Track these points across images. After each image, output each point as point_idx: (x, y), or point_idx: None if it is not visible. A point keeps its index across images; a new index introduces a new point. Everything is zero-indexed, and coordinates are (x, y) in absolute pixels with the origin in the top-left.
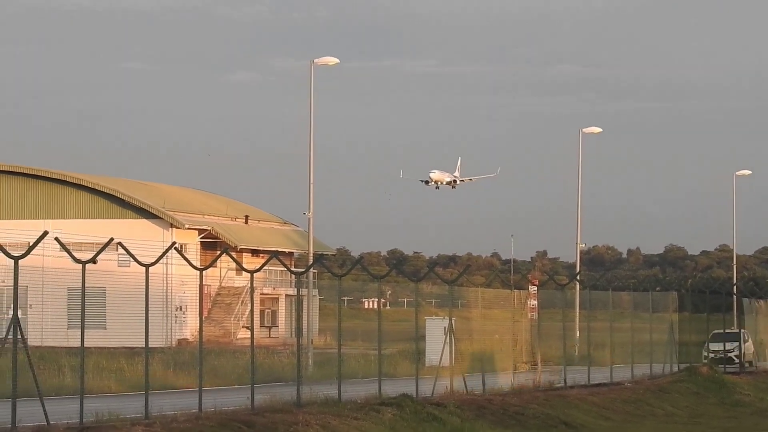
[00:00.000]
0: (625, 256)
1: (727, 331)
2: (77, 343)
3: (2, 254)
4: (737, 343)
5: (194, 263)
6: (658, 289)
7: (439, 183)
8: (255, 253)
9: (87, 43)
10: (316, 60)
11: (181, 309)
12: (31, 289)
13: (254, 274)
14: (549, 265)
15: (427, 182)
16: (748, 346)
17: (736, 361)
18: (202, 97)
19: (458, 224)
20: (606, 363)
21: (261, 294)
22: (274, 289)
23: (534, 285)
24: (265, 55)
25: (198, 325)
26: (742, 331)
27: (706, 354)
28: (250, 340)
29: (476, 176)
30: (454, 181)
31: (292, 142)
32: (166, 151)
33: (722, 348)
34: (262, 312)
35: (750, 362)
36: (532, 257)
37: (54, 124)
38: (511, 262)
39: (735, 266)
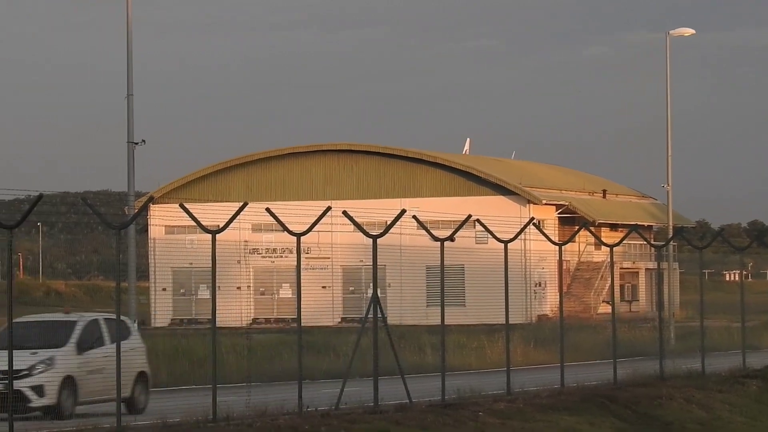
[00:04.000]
0: None
1: None
2: (437, 321)
3: (362, 233)
4: None
5: (552, 239)
6: None
7: None
8: (613, 227)
9: (438, 21)
10: (671, 31)
11: (540, 285)
12: (390, 268)
13: (613, 249)
14: None
15: None
16: None
17: None
18: (556, 72)
19: None
20: None
21: (620, 268)
22: (633, 263)
23: None
24: (619, 29)
25: (558, 300)
26: None
27: None
28: (611, 315)
29: None
30: None
31: (647, 116)
32: (518, 129)
33: None
34: (621, 286)
35: None
36: None
37: (407, 103)
38: None
39: None
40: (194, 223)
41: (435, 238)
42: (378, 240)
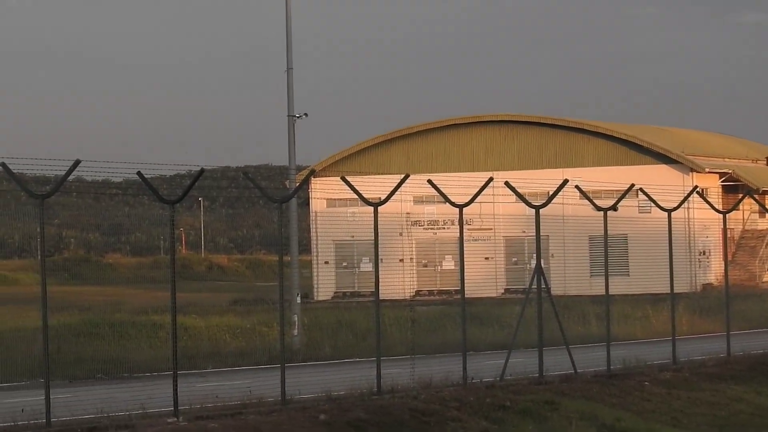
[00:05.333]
0: None
1: None
2: (601, 291)
3: (524, 204)
4: None
5: (716, 207)
6: None
7: None
8: None
9: None
10: None
11: (704, 253)
12: (552, 238)
13: None
14: None
15: None
16: None
17: None
18: (714, 38)
19: None
20: None
21: None
22: None
23: None
24: None
25: (722, 269)
26: None
27: None
28: None
29: None
30: None
31: None
32: (682, 95)
33: None
34: None
35: None
36: None
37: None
38: None
39: None
40: (356, 196)
41: (598, 208)
42: (541, 210)
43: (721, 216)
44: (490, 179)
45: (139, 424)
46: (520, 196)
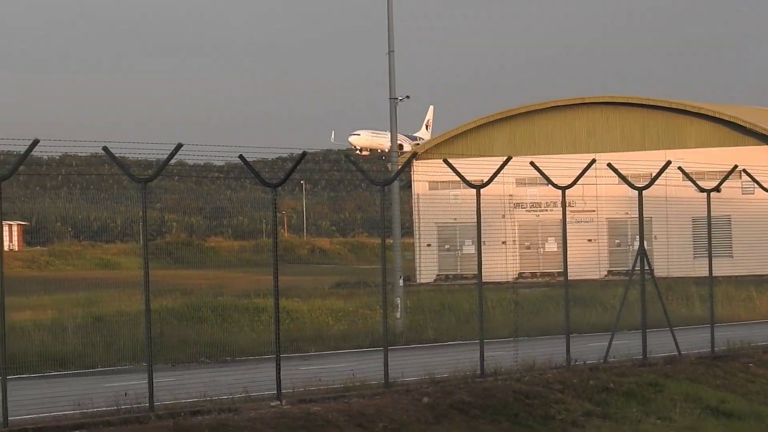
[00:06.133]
0: None
1: None
2: (704, 273)
3: (626, 186)
4: None
5: None
6: None
7: None
8: None
9: None
10: None
11: None
12: (655, 219)
13: None
14: None
15: None
16: None
17: None
18: None
19: None
20: None
21: None
22: None
23: None
24: None
25: None
26: None
27: None
28: None
29: None
30: None
31: None
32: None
33: None
34: None
35: None
36: None
37: (669, 54)
38: None
39: None
40: (458, 178)
41: (701, 189)
42: (643, 192)
43: None
44: (593, 161)
45: (243, 408)
46: (623, 178)
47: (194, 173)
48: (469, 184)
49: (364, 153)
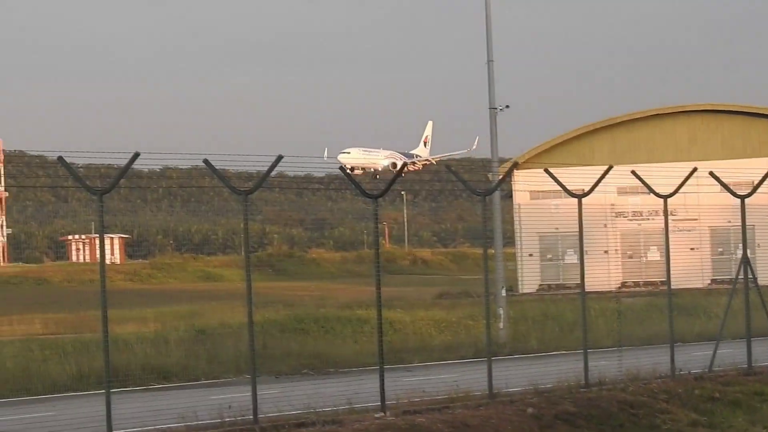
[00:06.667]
0: None
1: None
2: None
3: (728, 194)
4: None
5: None
6: None
7: None
8: None
9: None
10: None
11: None
12: (759, 228)
13: None
14: None
15: None
16: None
17: None
18: None
19: None
20: None
21: None
22: None
23: None
24: None
25: None
26: None
27: None
28: None
29: None
30: None
31: None
32: None
33: None
34: None
35: None
36: None
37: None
38: None
39: None
40: (559, 188)
41: None
42: (746, 200)
43: None
44: (694, 169)
45: (347, 420)
46: (725, 186)
47: (295, 185)
48: (571, 194)
49: (357, 172)
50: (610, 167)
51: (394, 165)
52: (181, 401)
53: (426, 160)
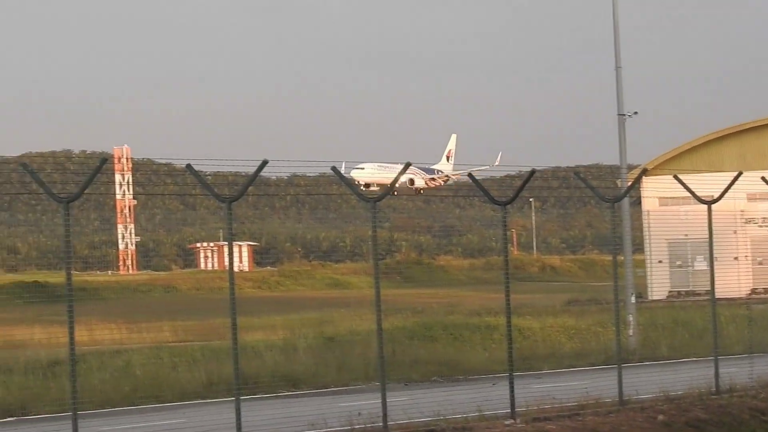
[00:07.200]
0: None
1: None
2: None
3: None
4: None
5: None
6: None
7: None
8: None
9: None
10: None
11: None
12: None
13: None
14: None
15: None
16: None
17: None
18: None
19: None
20: None
21: None
22: None
23: None
24: None
25: None
26: None
27: None
28: None
29: None
30: None
31: None
32: None
33: None
34: None
35: None
36: None
37: None
38: None
39: None
40: (688, 194)
41: None
42: None
43: None
44: None
45: (477, 427)
46: None
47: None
48: (700, 200)
49: (373, 189)
50: (740, 173)
51: (411, 181)
52: (311, 408)
53: (446, 176)
